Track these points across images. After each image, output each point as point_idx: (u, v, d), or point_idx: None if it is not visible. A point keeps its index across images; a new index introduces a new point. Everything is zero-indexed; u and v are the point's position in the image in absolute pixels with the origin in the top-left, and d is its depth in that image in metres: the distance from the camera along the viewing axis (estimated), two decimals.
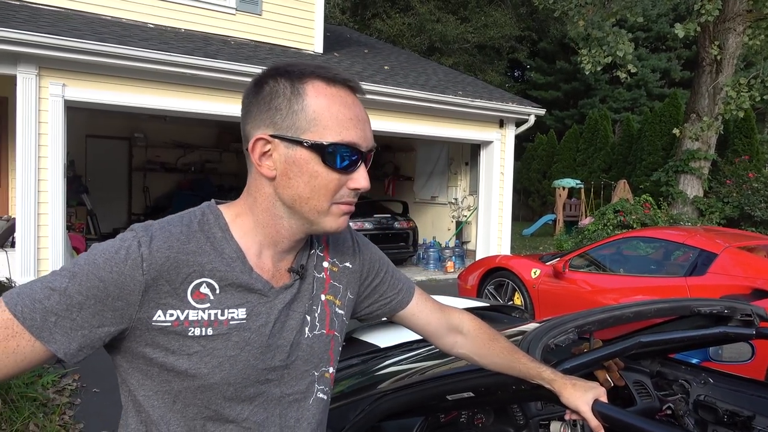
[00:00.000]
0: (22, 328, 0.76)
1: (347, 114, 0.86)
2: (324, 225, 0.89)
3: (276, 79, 0.86)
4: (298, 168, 0.85)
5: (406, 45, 20.79)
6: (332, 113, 0.85)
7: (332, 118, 0.84)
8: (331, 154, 0.84)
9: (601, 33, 10.01)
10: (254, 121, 0.87)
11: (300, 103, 0.84)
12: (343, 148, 0.85)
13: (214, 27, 8.23)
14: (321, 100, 0.85)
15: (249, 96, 0.89)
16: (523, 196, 20.67)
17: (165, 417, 0.86)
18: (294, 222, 0.89)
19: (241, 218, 0.90)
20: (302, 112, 0.84)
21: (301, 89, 0.85)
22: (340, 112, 0.85)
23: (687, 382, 1.82)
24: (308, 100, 0.85)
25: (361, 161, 0.87)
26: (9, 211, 7.54)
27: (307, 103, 0.84)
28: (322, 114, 0.84)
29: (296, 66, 0.88)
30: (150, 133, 11.37)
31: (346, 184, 0.87)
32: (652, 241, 5.25)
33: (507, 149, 9.80)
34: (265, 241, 0.90)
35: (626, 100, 23.49)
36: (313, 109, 0.84)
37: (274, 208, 0.88)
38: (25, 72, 6.02)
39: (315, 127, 0.84)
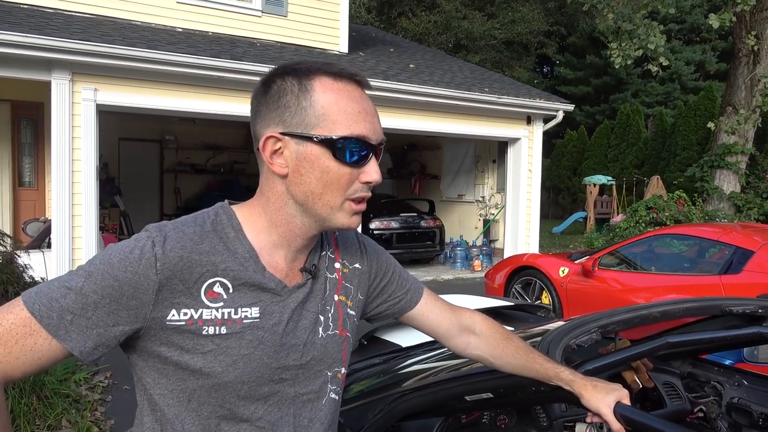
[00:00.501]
0: (39, 327, 0.77)
1: (355, 108, 0.86)
2: (336, 221, 0.89)
3: (283, 77, 0.87)
4: (309, 164, 0.85)
5: (432, 43, 20.70)
6: (340, 107, 0.85)
7: (341, 112, 0.84)
8: (341, 148, 0.84)
9: (631, 25, 9.77)
10: (264, 120, 0.87)
11: (308, 99, 0.85)
12: (353, 141, 0.85)
13: (240, 29, 8.34)
14: (329, 95, 0.85)
15: (257, 96, 0.89)
16: (552, 193, 20.39)
17: (180, 416, 0.87)
18: (306, 220, 0.89)
19: (254, 218, 0.90)
20: (311, 108, 0.84)
21: (308, 85, 0.85)
22: (348, 106, 0.85)
23: (720, 384, 1.76)
24: (316, 96, 0.85)
25: (371, 154, 0.87)
26: (46, 213, 7.78)
27: (315, 99, 0.85)
28: (330, 109, 0.84)
29: (303, 64, 0.88)
30: (180, 136, 11.58)
31: (358, 178, 0.87)
32: (685, 238, 5.11)
33: (535, 146, 9.67)
34: (279, 241, 0.91)
35: (659, 94, 22.95)
36: (321, 104, 0.84)
37: (286, 207, 0.88)
38: (59, 78, 6.20)
39: (324, 122, 0.84)
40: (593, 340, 1.41)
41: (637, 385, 1.54)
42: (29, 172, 8.06)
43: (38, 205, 8.02)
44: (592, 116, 24.07)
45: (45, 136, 7.59)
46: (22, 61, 5.97)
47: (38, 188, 8.06)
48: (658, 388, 1.61)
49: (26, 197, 8.00)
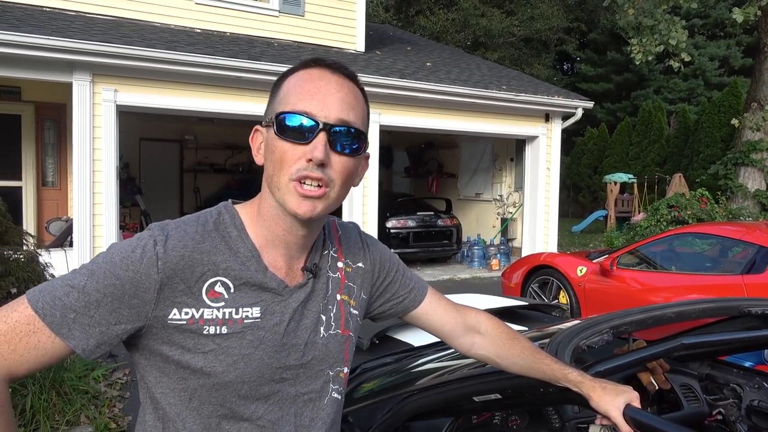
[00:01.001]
0: (42, 325, 0.78)
1: (308, 87, 0.85)
2: (287, 205, 0.85)
3: (281, 76, 0.91)
4: (268, 147, 0.87)
5: (450, 41, 20.62)
6: (295, 89, 0.86)
7: (294, 94, 0.85)
8: (281, 124, 0.84)
9: (652, 21, 9.60)
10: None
11: (278, 90, 0.88)
12: (293, 117, 0.83)
13: (258, 30, 8.39)
14: (292, 81, 0.87)
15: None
16: (572, 191, 20.16)
17: (181, 414, 0.87)
18: (281, 210, 0.87)
19: (253, 216, 0.91)
20: (277, 96, 0.88)
21: (284, 80, 0.88)
22: (302, 88, 0.85)
23: (739, 386, 1.72)
24: (283, 86, 0.88)
25: (320, 131, 0.83)
26: (68, 212, 7.93)
27: (281, 88, 0.88)
28: (288, 92, 0.86)
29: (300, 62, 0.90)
30: (200, 135, 11.70)
31: (303, 155, 0.83)
32: (707, 237, 5.00)
33: (553, 144, 9.57)
34: (272, 237, 0.90)
35: (682, 91, 22.54)
36: (284, 91, 0.87)
37: (268, 198, 0.89)
38: (80, 79, 6.30)
39: (280, 105, 0.86)
40: (604, 341, 1.38)
41: (653, 386, 1.51)
42: (52, 172, 8.22)
43: (61, 204, 8.17)
44: (614, 113, 23.74)
45: (67, 136, 7.73)
46: (45, 63, 6.09)
47: (61, 188, 8.22)
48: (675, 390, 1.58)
49: (49, 197, 8.16)
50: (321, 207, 0.85)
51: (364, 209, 8.10)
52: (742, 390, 1.70)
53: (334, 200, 0.87)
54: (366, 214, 8.13)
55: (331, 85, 0.85)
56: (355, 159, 0.87)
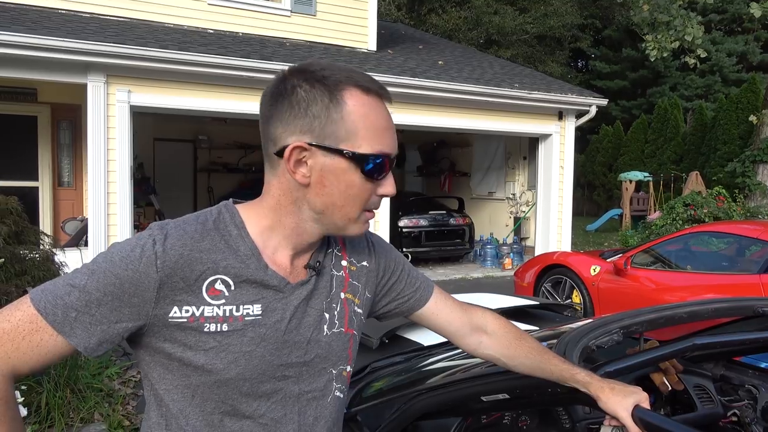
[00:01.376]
0: (45, 323, 0.79)
1: (382, 124, 0.87)
2: (350, 231, 0.91)
3: (312, 84, 0.85)
4: (334, 177, 0.86)
5: (462, 39, 20.54)
6: (370, 123, 0.85)
7: (370, 128, 0.85)
8: (368, 164, 0.85)
9: (667, 17, 9.48)
10: (287, 126, 0.85)
11: (339, 112, 0.84)
12: (378, 158, 0.86)
13: (270, 30, 8.43)
14: (359, 110, 0.85)
15: (275, 97, 0.87)
16: (587, 190, 20.00)
17: (184, 411, 0.87)
18: (318, 226, 0.90)
19: (259, 218, 0.90)
20: (341, 121, 0.84)
21: (339, 98, 0.84)
22: (376, 123, 0.86)
23: (755, 388, 1.68)
24: (347, 110, 0.84)
25: (389, 168, 0.89)
26: (84, 212, 8.03)
27: (346, 113, 0.84)
28: (360, 124, 0.85)
29: (328, 70, 0.86)
30: (213, 135, 11.80)
31: (375, 191, 0.89)
32: (723, 235, 4.93)
33: (567, 142, 9.50)
34: (284, 242, 0.91)
35: (699, 87, 22.27)
36: (353, 119, 0.84)
37: (300, 213, 0.89)
38: (95, 80, 6.38)
39: (353, 138, 0.84)
40: (614, 341, 1.36)
41: (666, 387, 1.49)
42: (68, 172, 8.33)
43: (76, 204, 8.28)
44: (629, 111, 23.51)
45: (83, 137, 7.83)
46: (61, 64, 6.17)
47: (76, 188, 8.32)
48: (689, 391, 1.55)
49: (65, 197, 8.27)
50: None
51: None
52: (758, 391, 1.67)
53: None
54: (378, 213, 8.13)
55: (389, 118, 0.90)
56: None
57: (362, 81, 0.86)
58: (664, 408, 1.60)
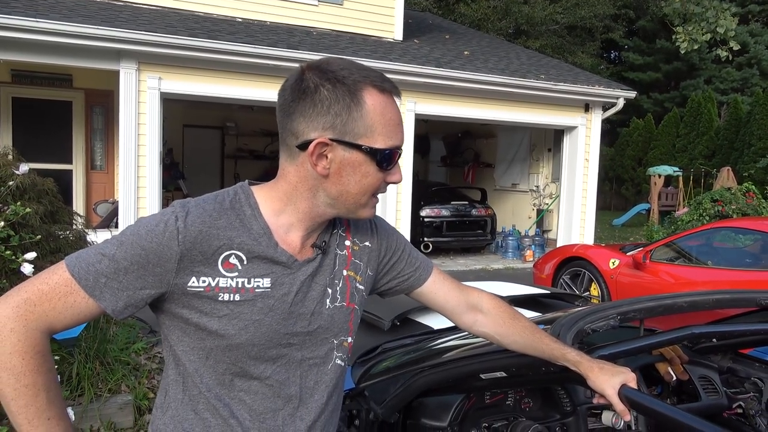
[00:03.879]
0: (78, 287, 0.89)
1: (395, 120, 0.96)
2: (360, 214, 1.00)
3: (334, 84, 0.93)
4: (351, 169, 0.95)
5: (491, 29, 20.31)
6: (385, 120, 0.94)
7: (385, 124, 0.94)
8: (382, 158, 0.95)
9: (699, 8, 9.25)
10: (310, 122, 0.93)
11: (359, 111, 0.93)
12: (391, 151, 0.95)
13: (297, 18, 8.51)
14: (376, 109, 0.94)
15: (298, 94, 0.94)
16: (615, 184, 19.68)
17: (199, 370, 0.97)
18: (330, 210, 0.99)
19: (272, 201, 0.99)
20: (361, 119, 0.93)
21: (359, 98, 0.93)
22: (390, 119, 0.95)
23: (761, 380, 1.71)
24: (366, 108, 0.93)
25: (398, 158, 0.98)
26: (115, 195, 8.28)
27: (365, 111, 0.93)
28: (377, 121, 0.94)
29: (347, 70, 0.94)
30: (240, 122, 11.97)
31: (385, 179, 0.98)
32: (747, 232, 4.86)
33: (593, 134, 9.39)
34: (297, 223, 0.99)
35: (735, 81, 21.63)
36: (371, 116, 0.93)
37: (315, 198, 0.98)
38: (127, 67, 6.56)
39: (371, 133, 0.94)
40: (610, 326, 1.41)
41: (670, 376, 1.53)
42: (100, 156, 8.59)
43: (107, 187, 8.55)
44: (661, 104, 22.99)
45: (114, 122, 8.06)
46: (94, 51, 6.36)
47: (108, 171, 8.59)
48: (694, 382, 1.59)
49: (97, 180, 8.55)
50: None
51: (398, 197, 8.16)
52: (764, 384, 1.69)
53: None
54: (400, 203, 8.20)
55: (399, 113, 0.98)
56: None
57: (378, 81, 0.95)
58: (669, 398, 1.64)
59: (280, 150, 1.00)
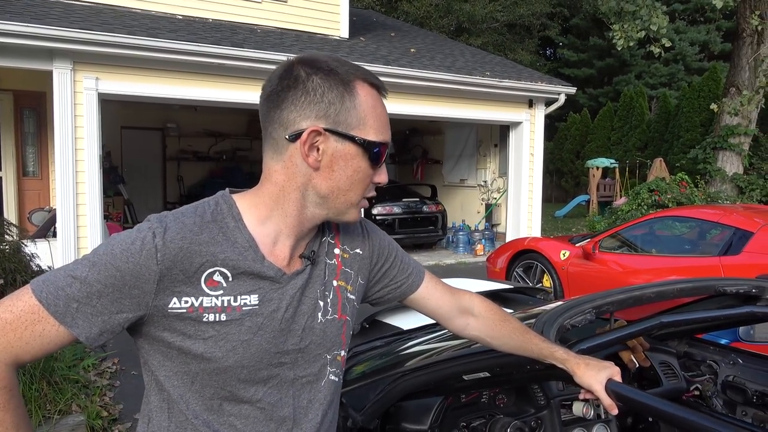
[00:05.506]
0: (47, 314, 0.81)
1: (385, 116, 0.93)
2: (348, 216, 0.96)
3: (326, 74, 0.88)
4: (344, 162, 0.90)
5: (433, 27, 20.53)
6: (376, 114, 0.91)
7: (376, 118, 0.91)
8: (375, 152, 0.91)
9: (633, 6, 9.68)
10: (301, 111, 0.87)
11: (353, 101, 0.89)
12: (381, 147, 0.92)
13: (240, 16, 8.30)
14: (369, 101, 0.90)
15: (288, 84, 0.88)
16: (555, 176, 20.34)
17: (184, 396, 0.90)
18: (319, 211, 0.93)
19: (258, 208, 0.92)
20: (354, 109, 0.89)
21: (352, 88, 0.89)
22: (381, 114, 0.92)
23: (715, 363, 1.79)
24: (360, 99, 0.89)
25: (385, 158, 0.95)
26: (50, 202, 7.84)
27: (359, 102, 0.89)
28: (369, 113, 0.90)
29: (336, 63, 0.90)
30: (182, 123, 11.58)
31: (372, 179, 0.94)
32: (686, 220, 5.12)
33: (537, 129, 9.65)
34: (285, 230, 0.93)
35: (663, 76, 22.78)
36: (364, 108, 0.89)
37: (304, 198, 0.91)
38: (61, 67, 6.20)
39: (363, 126, 0.89)
40: (588, 321, 1.44)
41: (633, 364, 1.58)
42: (33, 161, 8.10)
43: (42, 194, 8.07)
44: (596, 99, 23.93)
45: (48, 125, 7.61)
46: (24, 50, 5.97)
47: (42, 178, 8.10)
48: (655, 368, 1.64)
49: (30, 187, 8.05)
50: None
51: None
52: (718, 366, 1.78)
53: None
54: None
55: (387, 112, 0.95)
56: None
57: (369, 76, 0.92)
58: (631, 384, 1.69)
59: (264, 149, 0.93)
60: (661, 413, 1.05)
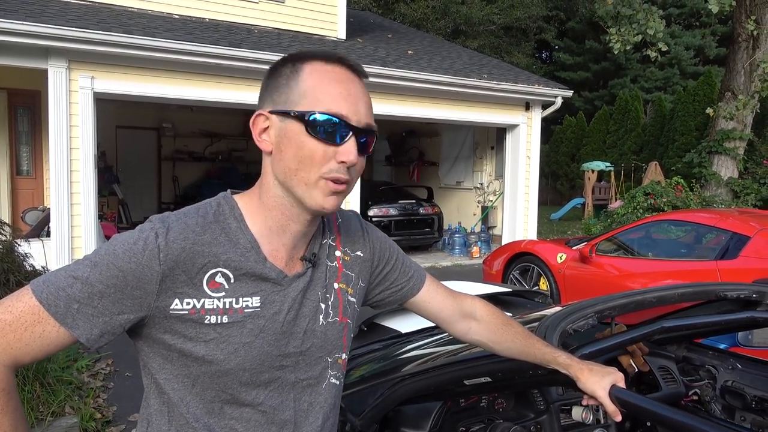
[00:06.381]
0: (47, 315, 0.80)
1: (338, 88, 0.87)
2: (312, 200, 0.88)
3: (284, 62, 0.90)
4: (288, 140, 0.87)
5: (430, 28, 20.57)
6: (323, 87, 0.87)
7: (323, 92, 0.86)
8: (314, 123, 0.85)
9: (630, 11, 9.72)
10: (262, 102, 0.91)
11: (296, 79, 0.88)
12: (328, 118, 0.85)
13: (238, 16, 8.28)
14: (315, 76, 0.87)
15: (263, 82, 0.93)
16: (551, 179, 20.39)
17: (185, 399, 0.89)
18: (290, 200, 0.90)
19: (253, 206, 0.92)
20: (296, 86, 0.87)
21: (300, 68, 0.88)
22: (330, 86, 0.87)
23: (714, 368, 1.78)
24: (303, 76, 0.87)
25: (351, 135, 0.86)
26: (44, 201, 7.78)
27: (301, 79, 0.87)
28: (314, 88, 0.86)
29: (305, 51, 0.91)
30: (178, 123, 11.54)
31: (335, 157, 0.86)
32: (683, 224, 5.13)
33: (533, 132, 9.66)
34: (275, 227, 0.92)
35: (658, 80, 22.87)
36: (307, 83, 0.87)
37: (274, 188, 0.90)
38: (56, 66, 6.16)
39: (305, 100, 0.86)
40: (590, 325, 1.43)
41: (632, 368, 1.57)
42: (27, 160, 8.04)
43: (36, 194, 8.01)
44: (591, 102, 24.00)
45: (42, 124, 7.57)
46: (19, 48, 5.93)
47: (36, 177, 8.05)
48: (654, 372, 1.64)
49: (24, 186, 8.00)
50: (341, 201, 0.92)
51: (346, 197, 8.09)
52: (717, 371, 1.77)
53: (347, 194, 0.93)
54: (348, 203, 8.13)
55: (358, 88, 0.89)
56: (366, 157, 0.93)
57: (326, 54, 0.89)
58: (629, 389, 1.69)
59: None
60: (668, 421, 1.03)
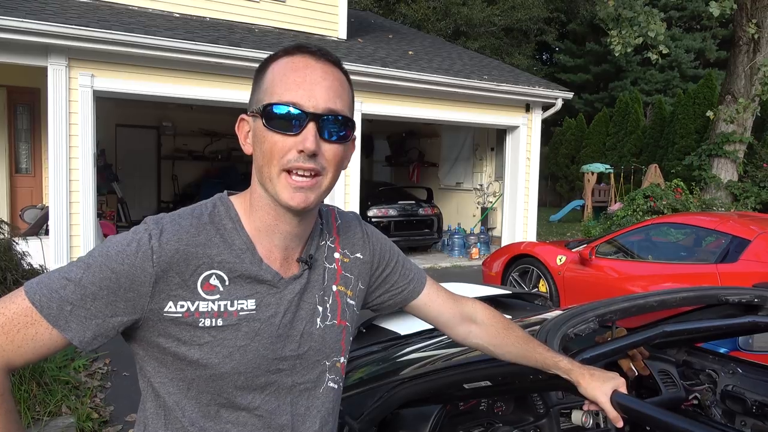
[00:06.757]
0: (40, 317, 0.79)
1: (291, 77, 0.85)
2: (279, 197, 0.85)
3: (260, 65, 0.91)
4: (256, 137, 0.87)
5: (431, 29, 20.57)
6: (279, 79, 0.85)
7: (279, 83, 0.85)
8: (270, 115, 0.84)
9: (631, 13, 9.72)
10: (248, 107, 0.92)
11: (262, 78, 0.88)
12: (281, 107, 0.83)
13: (238, 15, 8.27)
14: (275, 70, 0.87)
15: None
16: (550, 181, 20.38)
17: (180, 403, 0.88)
18: (271, 200, 0.88)
19: (245, 207, 0.91)
20: (262, 85, 0.87)
21: (266, 67, 0.88)
22: (286, 76, 0.85)
23: (714, 372, 1.77)
24: (266, 74, 0.88)
25: (308, 121, 0.83)
26: (43, 199, 7.77)
27: (265, 76, 0.87)
28: (272, 82, 0.86)
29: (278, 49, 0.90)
30: (177, 122, 11.52)
31: (294, 147, 0.83)
32: (683, 227, 5.12)
33: (533, 134, 9.66)
34: (263, 228, 0.90)
35: (659, 82, 22.87)
36: (269, 79, 0.87)
37: (258, 188, 0.90)
38: (56, 63, 6.15)
39: (267, 96, 0.85)
40: (591, 329, 1.42)
41: (633, 373, 1.56)
42: (26, 158, 8.03)
43: (35, 192, 8.00)
44: (591, 104, 24.00)
45: (42, 122, 7.55)
46: (19, 46, 5.92)
47: (35, 175, 8.04)
48: (654, 376, 1.63)
49: (23, 184, 7.98)
50: (314, 197, 0.86)
51: (346, 198, 8.09)
52: (717, 375, 1.76)
53: (326, 188, 0.88)
54: (348, 203, 8.12)
55: (316, 73, 0.85)
56: (344, 145, 0.89)
57: (290, 47, 0.88)
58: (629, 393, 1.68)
59: None
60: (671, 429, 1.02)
